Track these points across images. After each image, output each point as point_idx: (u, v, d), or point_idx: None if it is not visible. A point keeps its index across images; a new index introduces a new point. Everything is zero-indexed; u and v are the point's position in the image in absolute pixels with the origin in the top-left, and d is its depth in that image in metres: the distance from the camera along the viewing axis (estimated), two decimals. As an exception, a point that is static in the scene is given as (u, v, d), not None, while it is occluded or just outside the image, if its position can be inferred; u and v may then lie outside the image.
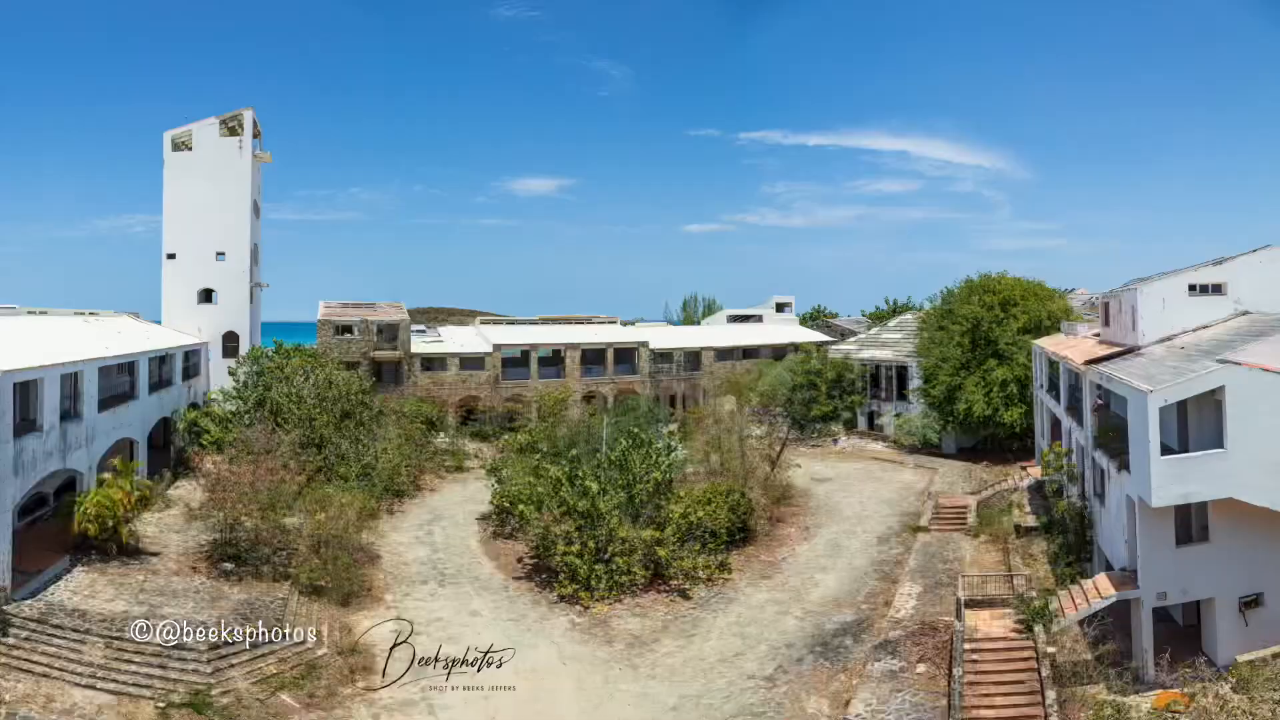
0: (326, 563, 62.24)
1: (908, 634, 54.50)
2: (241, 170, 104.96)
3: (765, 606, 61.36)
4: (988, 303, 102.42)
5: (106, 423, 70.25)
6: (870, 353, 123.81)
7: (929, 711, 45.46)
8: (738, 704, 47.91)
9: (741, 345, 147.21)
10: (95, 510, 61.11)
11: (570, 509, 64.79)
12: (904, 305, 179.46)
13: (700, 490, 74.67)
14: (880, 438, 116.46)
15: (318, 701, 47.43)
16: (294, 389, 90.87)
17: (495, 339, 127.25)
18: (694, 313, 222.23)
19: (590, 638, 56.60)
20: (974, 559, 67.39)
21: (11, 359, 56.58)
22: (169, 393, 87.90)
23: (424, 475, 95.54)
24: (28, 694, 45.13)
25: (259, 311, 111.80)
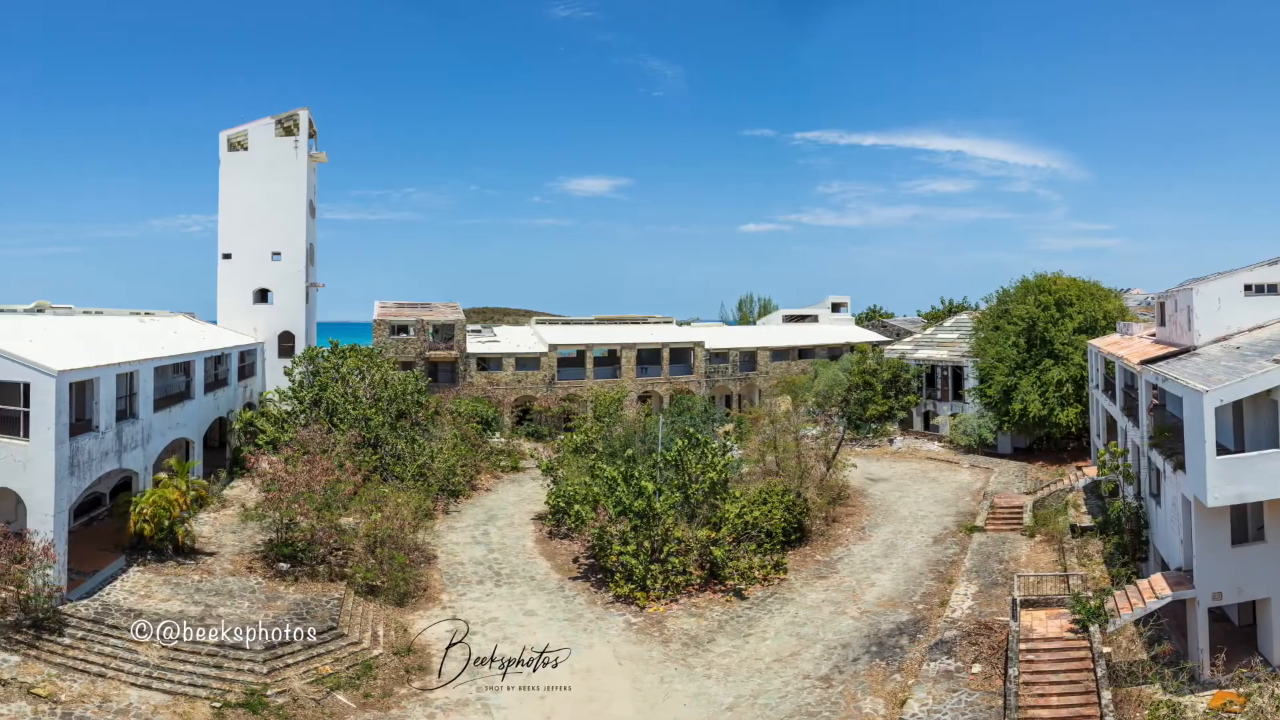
0: (382, 563, 62.29)
1: (963, 634, 53.87)
2: (297, 170, 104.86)
3: (821, 606, 60.78)
4: (1043, 303, 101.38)
5: (162, 422, 70.20)
6: (926, 353, 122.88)
7: (984, 712, 44.86)
8: (793, 704, 47.34)
9: (797, 345, 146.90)
10: (151, 510, 61.15)
11: (626, 509, 64.24)
12: (959, 305, 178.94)
13: (756, 490, 73.94)
14: (936, 438, 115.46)
15: (373, 701, 47.21)
16: (349, 389, 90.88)
17: (551, 339, 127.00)
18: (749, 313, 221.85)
19: (646, 637, 56.17)
20: (1029, 559, 66.66)
21: (67, 359, 56.57)
22: (225, 392, 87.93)
23: (479, 475, 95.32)
24: (83, 694, 45.11)
25: (314, 311, 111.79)
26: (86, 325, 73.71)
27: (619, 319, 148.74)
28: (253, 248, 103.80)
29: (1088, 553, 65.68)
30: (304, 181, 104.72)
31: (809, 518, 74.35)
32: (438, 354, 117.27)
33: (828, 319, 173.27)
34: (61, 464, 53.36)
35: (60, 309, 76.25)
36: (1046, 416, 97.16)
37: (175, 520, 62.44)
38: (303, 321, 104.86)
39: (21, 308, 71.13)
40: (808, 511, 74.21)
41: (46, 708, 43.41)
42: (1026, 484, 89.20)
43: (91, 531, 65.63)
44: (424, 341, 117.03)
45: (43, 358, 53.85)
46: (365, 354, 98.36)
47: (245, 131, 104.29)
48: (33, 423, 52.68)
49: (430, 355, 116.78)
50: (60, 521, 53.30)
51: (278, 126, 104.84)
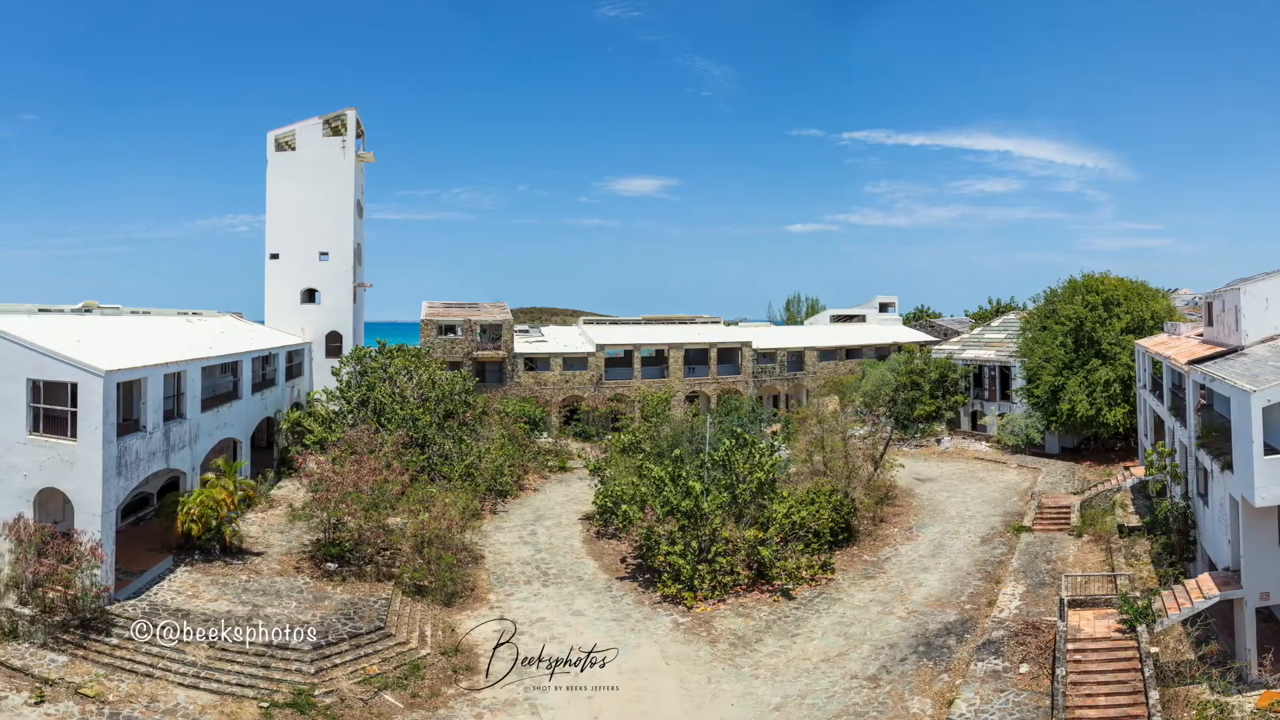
0: (430, 563, 62.14)
1: (1011, 634, 53.50)
2: (344, 170, 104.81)
3: (868, 606, 60.48)
4: (1091, 303, 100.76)
5: (210, 422, 70.26)
6: (973, 353, 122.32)
7: (1032, 712, 44.54)
8: (841, 704, 47.06)
9: (845, 345, 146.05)
10: (199, 510, 61.22)
11: (673, 509, 63.98)
12: (1007, 305, 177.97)
13: (803, 490, 73.67)
14: (983, 438, 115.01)
15: (421, 701, 47.08)
16: (397, 389, 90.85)
17: (598, 339, 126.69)
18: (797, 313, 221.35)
19: (693, 637, 55.88)
20: (1077, 559, 66.16)
21: (115, 359, 56.60)
22: (272, 392, 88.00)
23: (527, 475, 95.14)
24: (131, 694, 45.23)
25: (362, 311, 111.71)
26: (134, 325, 73.88)
27: (666, 319, 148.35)
28: (300, 248, 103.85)
29: (1135, 553, 65.37)
30: (351, 181, 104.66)
31: (856, 518, 74.05)
32: (485, 354, 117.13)
33: (875, 319, 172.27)
34: (109, 464, 53.41)
35: (108, 309, 76.36)
36: (1094, 416, 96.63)
37: (223, 520, 62.54)
38: (350, 321, 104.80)
39: (69, 308, 71.20)
40: (855, 511, 73.90)
41: (94, 707, 43.54)
42: (1074, 484, 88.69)
43: (139, 531, 65.77)
44: (471, 341, 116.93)
45: (90, 358, 53.95)
46: (413, 354, 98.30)
47: (293, 132, 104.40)
48: (80, 423, 52.80)
49: (478, 355, 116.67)
50: (108, 521, 53.35)
51: (325, 126, 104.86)
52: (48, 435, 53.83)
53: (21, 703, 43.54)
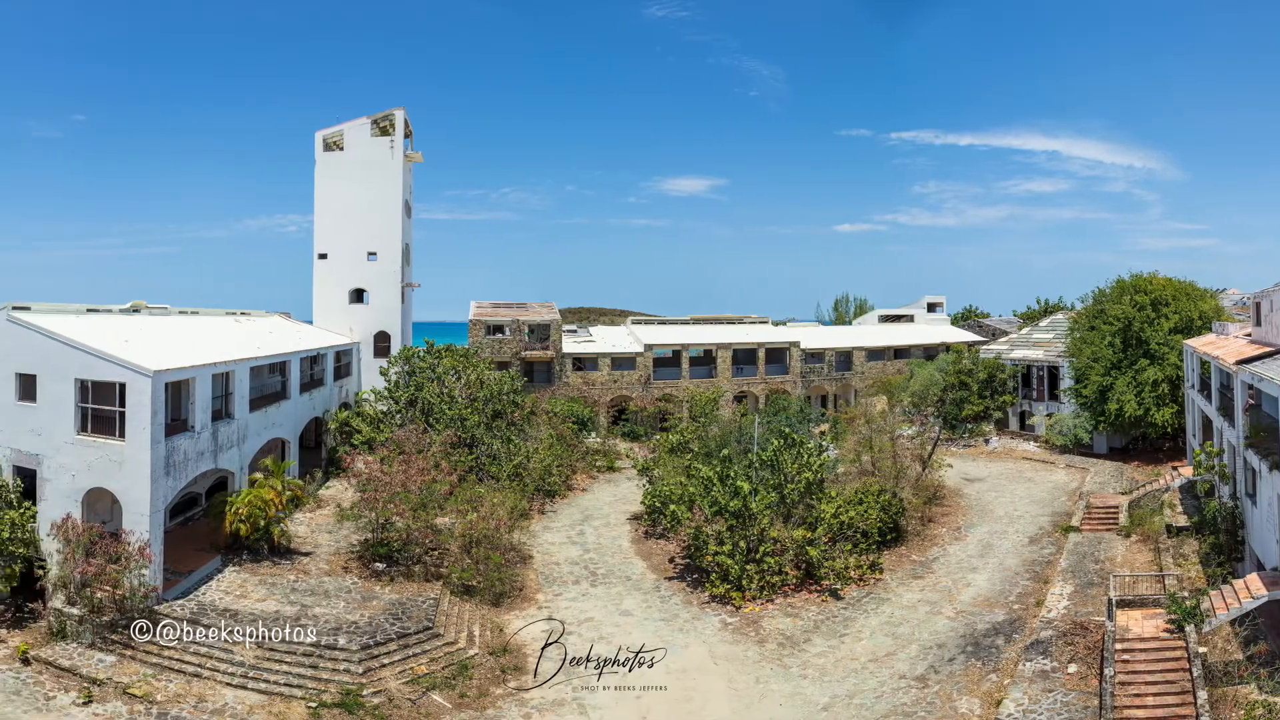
0: (478, 563, 62.02)
1: (1059, 634, 53.07)
2: (393, 170, 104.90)
3: (916, 606, 60.12)
4: (1139, 303, 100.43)
5: (258, 422, 70.34)
6: (1021, 353, 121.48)
7: (1080, 712, 44.16)
8: (889, 704, 46.80)
9: (893, 345, 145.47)
10: (247, 510, 61.29)
11: (722, 509, 63.70)
12: (1055, 305, 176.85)
13: (851, 490, 73.39)
14: (1031, 438, 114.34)
15: (469, 701, 46.93)
16: (445, 389, 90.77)
17: (646, 339, 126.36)
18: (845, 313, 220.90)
19: (742, 637, 55.62)
20: (1125, 559, 65.63)
21: (163, 359, 56.69)
22: (320, 392, 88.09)
23: (575, 475, 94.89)
24: (179, 694, 45.29)
25: (410, 311, 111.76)
26: (182, 325, 74.04)
27: (714, 319, 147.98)
28: (348, 248, 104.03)
29: (1183, 553, 64.93)
30: (400, 181, 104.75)
31: (905, 518, 73.84)
32: (533, 354, 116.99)
33: (923, 319, 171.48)
34: (157, 464, 53.50)
35: (156, 309, 76.52)
36: (1142, 416, 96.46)
37: (271, 520, 62.60)
38: (398, 321, 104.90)
39: (117, 308, 71.39)
40: (903, 511, 73.69)
41: (142, 707, 43.63)
42: (1122, 484, 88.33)
43: (187, 531, 65.98)
44: (520, 341, 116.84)
45: (138, 358, 54.06)
46: (461, 354, 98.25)
47: (341, 132, 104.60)
48: (129, 423, 52.94)
49: (526, 355, 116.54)
50: (156, 521, 53.43)
51: (373, 127, 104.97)
52: (96, 435, 54.02)
53: (70, 702, 43.66)
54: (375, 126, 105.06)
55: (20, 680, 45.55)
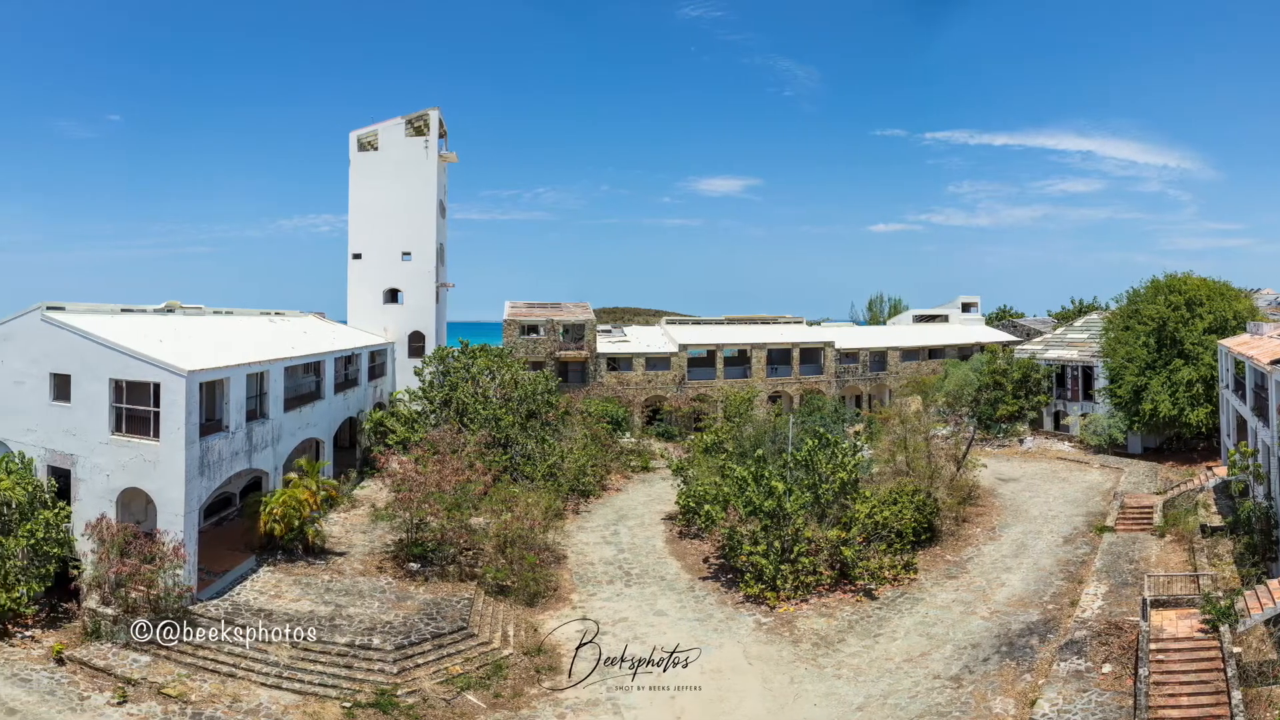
0: (512, 563, 61.93)
1: (1093, 634, 52.77)
2: (427, 170, 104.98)
3: (951, 606, 59.94)
4: (1173, 303, 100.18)
5: (292, 422, 70.37)
6: (1056, 352, 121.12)
7: (1115, 712, 44.02)
8: (924, 704, 46.68)
9: (927, 345, 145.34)
10: (281, 510, 61.32)
11: (756, 509, 63.35)
12: (1089, 305, 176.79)
13: (886, 490, 73.18)
14: (1066, 438, 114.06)
15: (503, 701, 46.91)
16: (480, 389, 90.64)
17: (681, 339, 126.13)
18: (880, 312, 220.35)
19: (776, 637, 55.50)
20: (1159, 559, 65.29)
21: (197, 359, 56.79)
22: (355, 392, 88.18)
23: (610, 475, 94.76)
24: (214, 693, 45.31)
25: (445, 311, 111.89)
26: (216, 325, 74.17)
27: (749, 319, 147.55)
28: (383, 248, 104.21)
29: (1218, 553, 64.38)
30: (434, 181, 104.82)
31: (939, 518, 73.69)
32: (568, 354, 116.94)
33: (958, 319, 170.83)
34: (192, 464, 53.55)
35: (190, 309, 76.63)
36: (1176, 416, 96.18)
37: (305, 520, 62.61)
38: (433, 321, 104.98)
39: (152, 308, 71.54)
40: (938, 511, 73.54)
41: (177, 708, 43.63)
42: (1156, 484, 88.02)
43: (222, 531, 66.06)
44: (554, 341, 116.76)
45: (173, 358, 54.14)
46: (496, 354, 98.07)
47: (375, 132, 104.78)
48: (163, 423, 53.01)
49: (560, 355, 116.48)
50: (190, 521, 53.50)
51: (408, 126, 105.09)
52: (130, 435, 54.15)
53: (104, 703, 43.66)
54: (410, 126, 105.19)
55: (55, 680, 45.59)
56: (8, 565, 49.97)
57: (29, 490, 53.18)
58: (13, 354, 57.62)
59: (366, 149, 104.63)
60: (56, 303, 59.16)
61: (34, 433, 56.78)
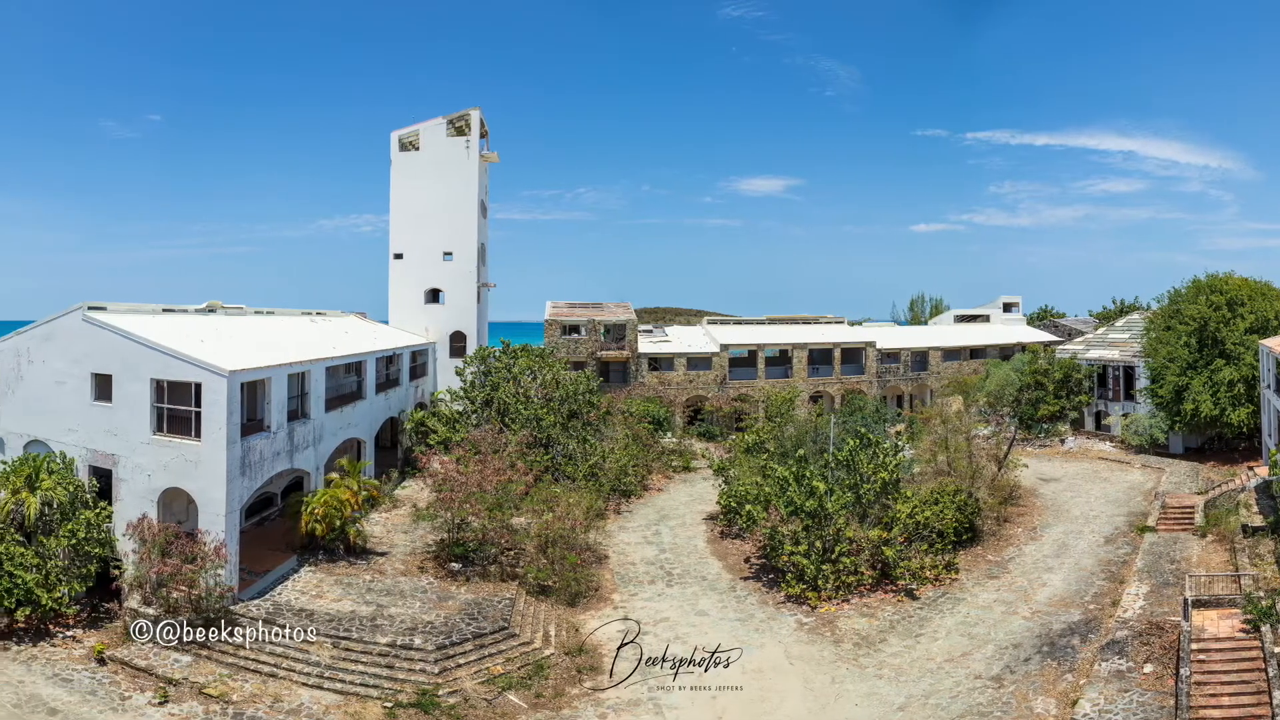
0: (554, 563, 61.76)
1: (1135, 634, 52.54)
2: (468, 170, 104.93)
3: (992, 606, 59.80)
4: (1215, 303, 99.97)
5: (334, 422, 70.37)
6: (1097, 353, 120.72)
7: (1156, 711, 43.93)
8: (965, 704, 46.62)
9: (969, 345, 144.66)
10: (323, 510, 61.28)
11: (797, 509, 63.32)
12: (1131, 305, 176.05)
13: (927, 490, 73.03)
14: (1107, 438, 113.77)
15: (545, 701, 46.83)
16: (521, 389, 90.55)
17: (722, 339, 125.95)
18: (921, 313, 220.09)
19: (817, 637, 55.42)
20: (1201, 559, 64.82)
21: (239, 359, 56.77)
22: (396, 392, 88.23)
23: (651, 475, 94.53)
24: (255, 693, 45.35)
25: (486, 311, 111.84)
26: (258, 325, 74.28)
27: (790, 319, 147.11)
28: (424, 248, 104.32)
29: (1259, 553, 63.58)
30: (475, 181, 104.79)
31: (980, 518, 73.72)
32: (609, 354, 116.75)
33: (999, 319, 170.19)
34: (233, 464, 53.51)
35: (232, 309, 76.76)
36: (1218, 416, 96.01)
37: (347, 520, 62.57)
38: (474, 321, 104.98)
39: (193, 308, 71.62)
40: (979, 511, 73.54)
41: (218, 708, 43.69)
42: (1198, 484, 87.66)
43: (263, 531, 66.15)
44: (595, 341, 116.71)
45: (214, 358, 54.16)
46: (537, 354, 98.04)
47: (417, 132, 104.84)
48: (204, 423, 53.00)
49: (602, 355, 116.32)
50: (232, 521, 53.50)
51: (449, 126, 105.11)
52: (172, 435, 54.19)
53: (145, 702, 43.73)
54: (451, 126, 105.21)
55: (96, 680, 45.66)
56: (49, 565, 50.19)
57: (70, 490, 53.43)
58: (54, 354, 57.84)
59: (408, 149, 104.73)
60: (98, 303, 59.34)
61: (75, 433, 56.97)
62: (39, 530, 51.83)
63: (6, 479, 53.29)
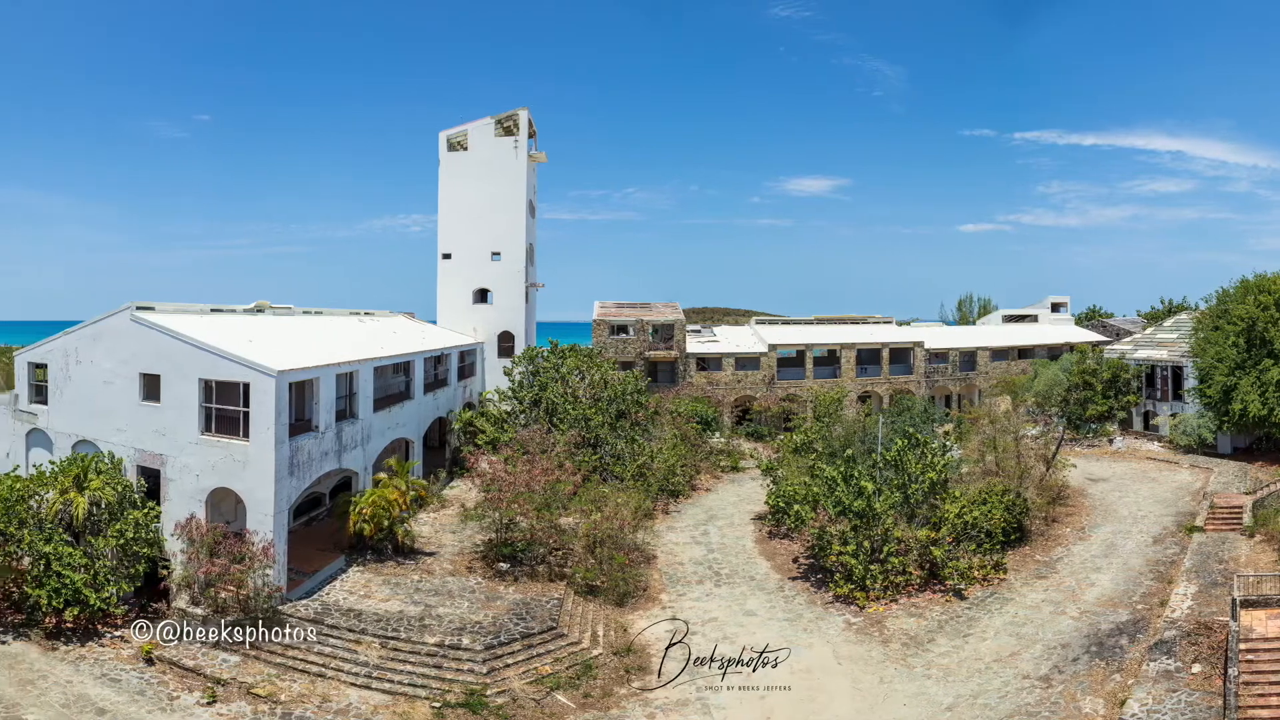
0: (602, 563, 61.63)
1: (1183, 634, 52.11)
2: (516, 170, 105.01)
3: (1040, 606, 59.50)
4: (1263, 303, 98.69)
5: (382, 422, 70.40)
6: (1145, 353, 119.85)
7: (1204, 712, 43.54)
8: (1013, 704, 46.36)
9: (1017, 345, 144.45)
10: (371, 510, 61.30)
11: (845, 509, 63.10)
12: (1179, 305, 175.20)
13: (975, 490, 72.73)
14: (1155, 438, 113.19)
15: (593, 701, 46.66)
16: (569, 389, 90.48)
17: (770, 339, 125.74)
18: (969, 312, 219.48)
19: (865, 637, 55.23)
20: (1249, 559, 64.48)
21: (287, 359, 56.81)
22: (444, 392, 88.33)
23: (699, 475, 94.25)
24: (303, 693, 45.35)
25: (534, 311, 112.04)
26: (306, 325, 74.44)
27: (838, 319, 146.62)
28: (472, 248, 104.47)
29: (1308, 552, 63.49)
30: (523, 181, 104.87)
31: (1028, 518, 73.51)
32: (657, 354, 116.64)
33: (1047, 319, 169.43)
34: (281, 464, 53.51)
35: (280, 309, 76.92)
36: (1266, 416, 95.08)
37: (395, 520, 62.57)
38: (522, 321, 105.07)
39: (241, 308, 71.80)
40: (1027, 511, 73.28)
41: (266, 707, 43.68)
42: (1246, 484, 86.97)
43: (311, 531, 66.31)
44: (644, 341, 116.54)
45: (262, 358, 54.17)
46: (585, 354, 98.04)
47: (465, 132, 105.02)
48: (253, 423, 53.04)
49: (650, 355, 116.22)
50: (280, 521, 53.51)
51: (497, 127, 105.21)
52: (220, 435, 54.30)
53: (194, 702, 43.76)
54: (499, 126, 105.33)
55: (145, 680, 45.75)
56: (97, 565, 50.36)
57: (118, 490, 53.66)
58: (102, 354, 58.16)
59: (456, 149, 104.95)
60: (146, 303, 59.54)
61: (123, 433, 57.22)
62: (87, 530, 52.12)
63: (55, 479, 53.54)
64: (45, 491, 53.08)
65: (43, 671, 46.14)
